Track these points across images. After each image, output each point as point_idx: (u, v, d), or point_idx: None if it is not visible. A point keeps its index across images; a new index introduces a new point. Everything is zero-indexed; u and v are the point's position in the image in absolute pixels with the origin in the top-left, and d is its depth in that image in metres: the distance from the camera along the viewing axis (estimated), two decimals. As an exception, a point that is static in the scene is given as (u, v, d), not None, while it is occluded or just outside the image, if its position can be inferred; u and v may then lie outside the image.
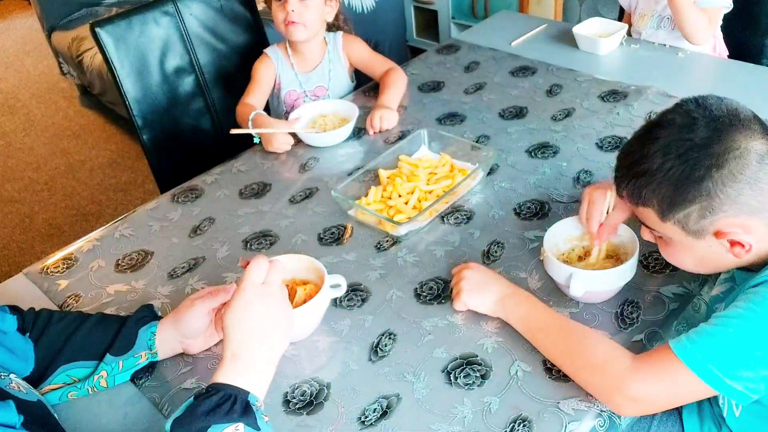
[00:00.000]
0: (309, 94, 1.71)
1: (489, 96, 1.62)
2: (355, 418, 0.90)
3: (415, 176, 1.29)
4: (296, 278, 1.06)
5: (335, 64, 1.72)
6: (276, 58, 1.69)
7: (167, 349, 0.99)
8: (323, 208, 1.31)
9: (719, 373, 0.76)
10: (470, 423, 0.87)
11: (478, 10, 3.00)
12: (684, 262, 0.89)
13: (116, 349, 0.94)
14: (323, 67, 1.70)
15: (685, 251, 0.87)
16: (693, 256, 0.87)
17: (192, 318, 0.97)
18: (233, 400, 0.73)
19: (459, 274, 1.04)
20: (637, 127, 1.41)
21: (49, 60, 3.93)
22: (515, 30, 1.91)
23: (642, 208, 0.86)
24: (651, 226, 0.88)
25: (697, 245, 0.84)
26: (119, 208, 2.76)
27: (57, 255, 1.28)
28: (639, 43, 1.77)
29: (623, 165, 0.88)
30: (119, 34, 1.66)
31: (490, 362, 0.94)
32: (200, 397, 0.74)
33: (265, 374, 0.79)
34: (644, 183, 0.83)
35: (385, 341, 1.00)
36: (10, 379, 0.84)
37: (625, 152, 0.88)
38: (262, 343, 0.79)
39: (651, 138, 0.83)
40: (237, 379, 0.76)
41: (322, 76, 1.71)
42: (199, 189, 1.43)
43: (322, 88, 1.71)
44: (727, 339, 0.77)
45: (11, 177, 3.11)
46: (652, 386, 0.81)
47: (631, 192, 0.86)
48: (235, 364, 0.77)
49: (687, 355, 0.78)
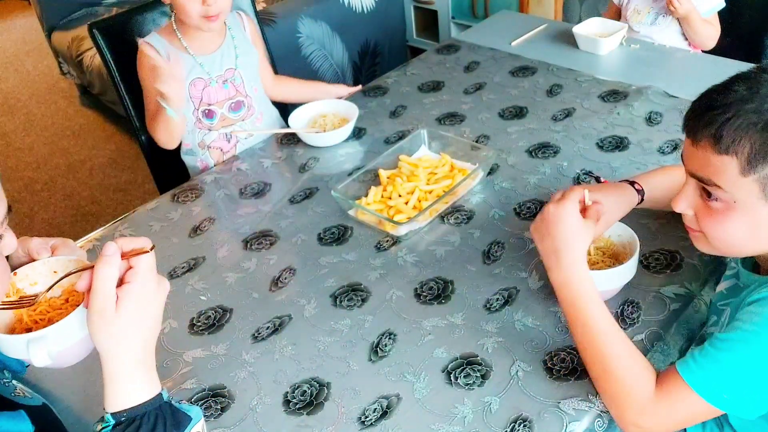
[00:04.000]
0: (217, 78, 1.51)
1: (489, 96, 1.61)
2: (355, 418, 0.89)
3: (415, 176, 1.29)
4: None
5: (242, 46, 1.55)
6: (162, 46, 1.46)
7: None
8: (323, 208, 1.31)
9: (730, 398, 0.76)
10: (470, 423, 0.87)
11: (478, 10, 3.00)
12: (735, 232, 0.80)
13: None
14: (227, 49, 1.52)
15: (744, 218, 0.78)
16: (750, 225, 0.78)
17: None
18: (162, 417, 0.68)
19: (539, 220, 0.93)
20: (637, 127, 1.41)
21: (49, 60, 3.93)
22: (515, 30, 1.91)
23: (724, 157, 0.75)
24: (719, 182, 0.77)
25: (763, 212, 0.76)
26: (119, 208, 2.76)
27: (57, 255, 1.27)
28: (639, 42, 1.77)
29: (720, 102, 0.76)
30: (117, 34, 1.65)
31: (490, 362, 0.94)
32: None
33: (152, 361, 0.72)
34: (741, 126, 0.73)
35: (385, 341, 1.00)
36: (14, 386, 0.82)
37: (724, 89, 0.77)
38: (139, 339, 0.70)
39: (759, 81, 0.75)
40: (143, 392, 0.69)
41: (227, 59, 1.52)
42: (199, 189, 1.43)
43: (230, 70, 1.53)
44: (734, 363, 0.77)
45: (11, 177, 3.11)
46: (666, 419, 0.81)
47: (719, 135, 0.74)
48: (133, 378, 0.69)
49: (695, 381, 0.78)
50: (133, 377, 0.70)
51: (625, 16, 1.97)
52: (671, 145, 1.34)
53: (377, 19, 2.78)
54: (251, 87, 1.58)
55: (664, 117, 1.44)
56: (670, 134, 1.38)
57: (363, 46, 2.74)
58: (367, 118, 1.59)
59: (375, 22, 2.77)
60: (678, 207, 0.84)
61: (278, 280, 1.15)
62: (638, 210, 1.16)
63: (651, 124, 1.42)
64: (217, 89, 1.52)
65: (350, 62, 2.73)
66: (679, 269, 1.05)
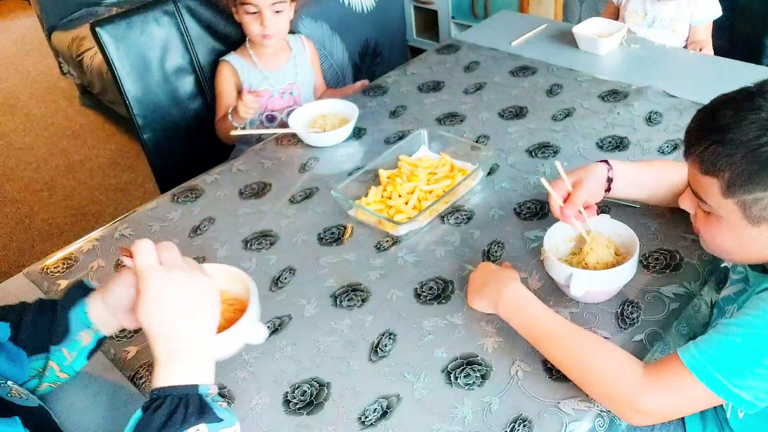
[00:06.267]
0: (280, 90, 1.77)
1: (489, 96, 1.61)
2: (355, 418, 0.89)
3: (415, 176, 1.29)
4: (227, 291, 0.93)
5: (301, 66, 1.80)
6: (238, 64, 1.74)
7: (107, 324, 0.88)
8: (323, 208, 1.31)
9: (728, 383, 0.75)
10: (470, 423, 0.87)
11: (478, 10, 3.00)
12: (724, 244, 0.84)
13: (55, 338, 0.86)
14: (290, 67, 1.78)
15: (730, 233, 0.81)
16: (737, 241, 0.82)
17: (117, 289, 0.85)
18: (185, 403, 0.69)
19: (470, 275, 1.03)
20: (637, 127, 1.41)
21: (49, 60, 3.92)
22: (515, 30, 1.91)
23: (708, 177, 0.79)
24: (704, 197, 0.81)
25: (747, 231, 0.79)
26: (119, 208, 2.76)
27: (57, 255, 1.28)
28: (639, 42, 1.77)
29: (707, 126, 0.79)
30: (119, 33, 1.65)
31: (490, 362, 0.94)
32: (148, 410, 0.69)
33: (205, 357, 0.74)
34: (726, 152, 0.75)
35: (385, 341, 1.00)
36: (9, 387, 0.82)
37: (712, 113, 0.79)
38: (190, 327, 0.73)
39: (751, 107, 0.75)
40: (180, 376, 0.71)
41: (289, 75, 1.78)
42: (199, 189, 1.43)
43: (291, 84, 1.78)
44: (735, 348, 0.76)
45: (11, 177, 3.11)
46: (663, 399, 0.80)
47: (704, 157, 0.78)
48: (171, 361, 0.71)
49: (696, 365, 0.77)
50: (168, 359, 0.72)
51: (623, 16, 1.98)
52: (671, 145, 1.34)
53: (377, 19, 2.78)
54: (305, 99, 1.81)
55: (663, 117, 1.44)
56: (669, 134, 1.38)
57: (363, 46, 2.74)
58: (367, 118, 1.59)
59: (375, 22, 2.77)
60: (683, 205, 0.89)
61: (278, 280, 1.15)
62: (638, 210, 1.17)
63: (651, 124, 1.42)
64: (278, 99, 1.77)
65: (350, 62, 2.72)
66: (679, 269, 1.05)
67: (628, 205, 1.18)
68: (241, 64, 1.74)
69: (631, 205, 1.18)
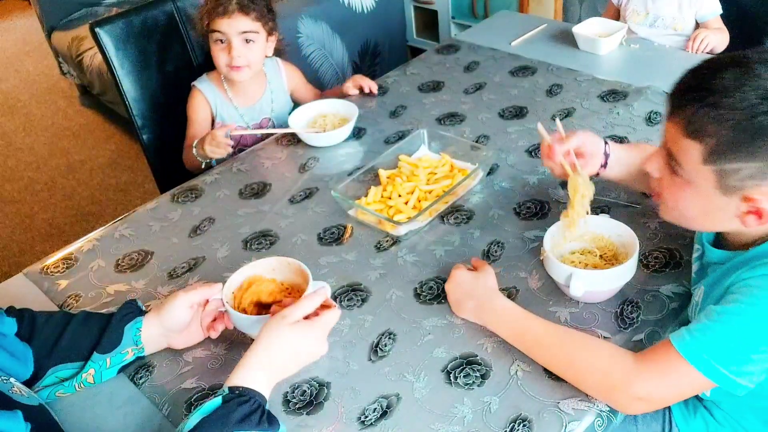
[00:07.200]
0: (253, 126, 1.67)
1: (489, 96, 1.62)
2: (355, 418, 0.90)
3: (415, 176, 1.29)
4: (284, 282, 1.04)
5: (277, 93, 1.69)
6: (210, 93, 1.63)
7: (153, 344, 0.99)
8: (323, 208, 1.31)
9: (726, 371, 0.75)
10: (470, 423, 0.87)
11: (478, 10, 3.00)
12: (688, 211, 0.83)
13: (103, 347, 0.94)
14: (266, 98, 1.67)
15: (697, 200, 0.80)
16: (702, 208, 0.81)
17: (174, 310, 0.95)
18: (262, 410, 0.77)
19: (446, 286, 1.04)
20: (637, 127, 1.41)
21: (49, 60, 3.93)
22: (515, 30, 1.91)
23: (690, 140, 0.76)
24: (681, 161, 0.79)
25: (716, 200, 0.78)
26: (119, 208, 2.76)
27: (57, 255, 1.28)
28: (639, 43, 1.77)
29: (699, 86, 0.76)
30: (119, 34, 1.65)
31: (490, 362, 0.94)
32: (231, 402, 0.76)
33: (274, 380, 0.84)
34: (715, 117, 0.73)
35: (385, 341, 1.00)
36: (11, 384, 0.83)
37: (706, 73, 0.76)
38: (286, 364, 0.84)
39: (749, 73, 0.73)
40: (264, 388, 0.80)
41: (265, 108, 1.68)
42: (199, 189, 1.43)
43: (266, 119, 1.69)
44: (732, 336, 0.76)
45: (11, 177, 3.11)
46: (657, 384, 0.80)
47: (692, 119, 0.75)
48: (265, 374, 0.81)
49: (689, 352, 0.77)
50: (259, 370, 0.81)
51: (624, 16, 1.98)
52: (671, 145, 1.34)
53: (377, 19, 2.78)
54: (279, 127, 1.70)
55: (663, 117, 1.43)
56: (669, 134, 1.38)
57: (363, 46, 2.74)
58: (366, 118, 1.59)
59: (375, 22, 2.77)
60: (648, 167, 0.87)
61: (278, 280, 1.14)
62: (638, 210, 1.17)
63: (650, 124, 1.42)
64: (251, 135, 1.64)
65: (350, 62, 2.72)
66: (678, 268, 1.05)
67: (628, 204, 1.19)
68: (214, 95, 1.63)
69: (632, 205, 1.18)
